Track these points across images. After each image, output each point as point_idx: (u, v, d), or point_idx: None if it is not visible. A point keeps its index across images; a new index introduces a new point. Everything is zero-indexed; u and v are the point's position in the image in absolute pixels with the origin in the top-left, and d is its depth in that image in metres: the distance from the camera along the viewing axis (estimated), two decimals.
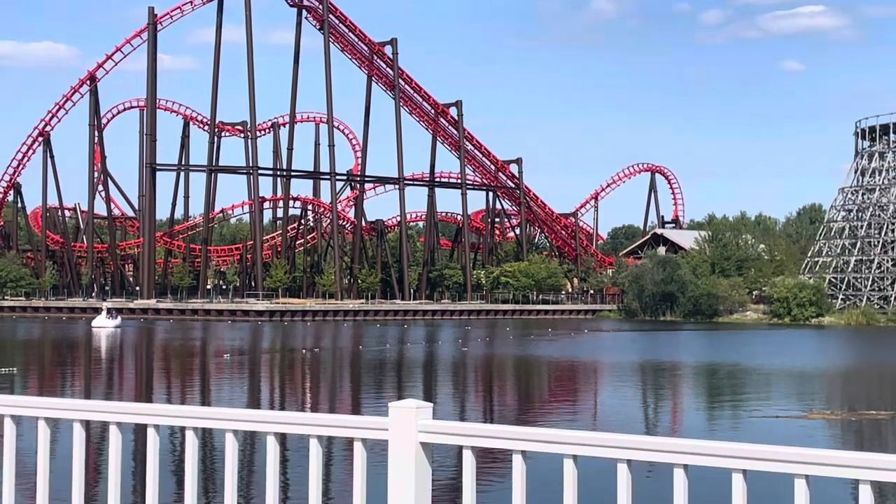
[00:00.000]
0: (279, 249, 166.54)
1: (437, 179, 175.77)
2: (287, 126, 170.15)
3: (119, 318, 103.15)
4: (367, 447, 5.20)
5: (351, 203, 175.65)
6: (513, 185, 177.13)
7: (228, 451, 5.58)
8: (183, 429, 5.67)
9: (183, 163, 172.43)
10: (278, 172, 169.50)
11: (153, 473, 5.79)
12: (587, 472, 5.00)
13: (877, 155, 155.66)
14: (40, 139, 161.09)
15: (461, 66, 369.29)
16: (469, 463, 4.97)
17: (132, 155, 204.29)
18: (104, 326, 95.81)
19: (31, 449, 5.96)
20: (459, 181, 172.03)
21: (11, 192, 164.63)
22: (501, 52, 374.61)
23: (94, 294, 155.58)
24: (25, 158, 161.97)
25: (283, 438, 5.59)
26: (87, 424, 5.97)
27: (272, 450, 5.45)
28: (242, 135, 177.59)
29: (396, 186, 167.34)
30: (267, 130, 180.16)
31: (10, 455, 6.03)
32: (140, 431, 5.91)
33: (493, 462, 22.35)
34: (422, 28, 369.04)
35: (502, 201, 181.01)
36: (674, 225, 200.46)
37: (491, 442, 4.87)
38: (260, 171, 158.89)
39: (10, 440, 6.02)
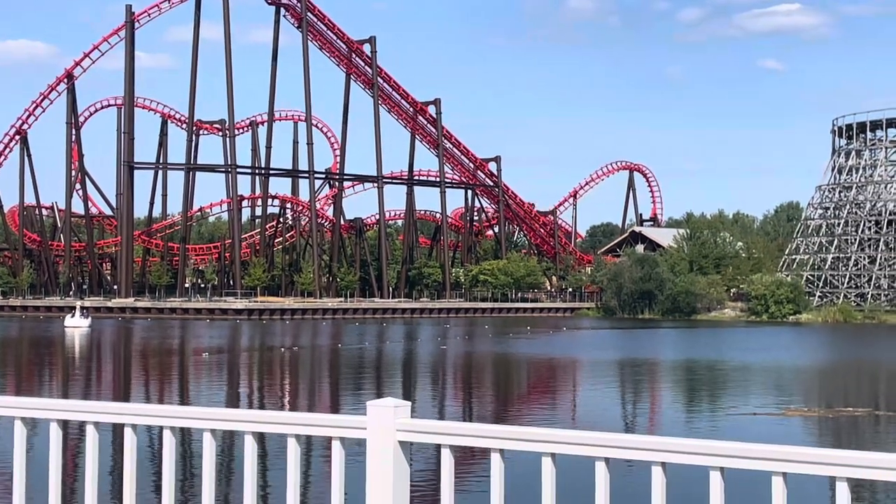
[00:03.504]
0: (258, 248, 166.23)
1: (416, 178, 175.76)
2: (265, 124, 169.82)
3: (90, 317, 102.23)
4: (345, 446, 5.20)
5: (329, 201, 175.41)
6: (491, 184, 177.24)
7: (206, 450, 5.57)
8: (161, 428, 5.66)
9: (161, 161, 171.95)
10: (257, 171, 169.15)
11: (130, 473, 5.77)
12: (565, 471, 5.01)
13: (854, 153, 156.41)
14: (17, 137, 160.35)
15: (440, 65, 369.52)
16: (447, 462, 4.97)
17: (110, 153, 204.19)
18: (78, 326, 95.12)
19: (7, 449, 5.94)
20: (438, 179, 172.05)
21: None
22: (480, 51, 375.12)
23: (71, 293, 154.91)
24: (2, 157, 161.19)
25: (261, 438, 5.57)
26: (64, 424, 5.95)
27: (250, 449, 5.45)
28: (221, 133, 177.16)
29: (375, 185, 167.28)
30: (245, 129, 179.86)
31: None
32: (117, 431, 5.89)
33: (471, 460, 22.35)
34: (400, 26, 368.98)
35: (481, 199, 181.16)
36: (652, 223, 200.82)
37: (469, 441, 4.88)
38: (238, 170, 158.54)
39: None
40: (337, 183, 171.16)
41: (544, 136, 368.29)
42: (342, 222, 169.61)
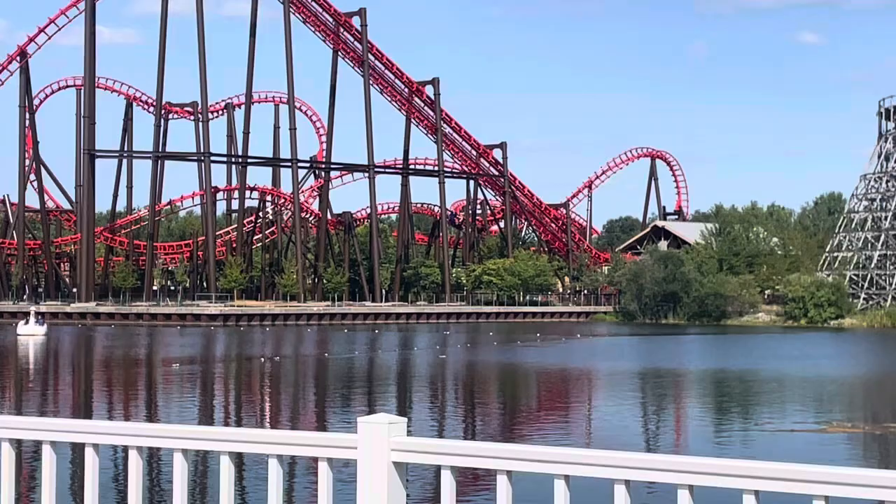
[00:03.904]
0: (234, 246, 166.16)
1: (412, 167, 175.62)
2: (243, 107, 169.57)
3: (45, 324, 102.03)
4: (333, 468, 5.19)
5: (315, 193, 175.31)
6: (496, 173, 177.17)
7: (177, 472, 5.56)
8: (126, 448, 5.65)
9: (125, 149, 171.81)
10: (233, 159, 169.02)
11: (92, 499, 5.77)
12: (580, 495, 5.00)
13: None
14: None
15: (438, 40, 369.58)
16: (448, 485, 4.96)
17: (68, 140, 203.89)
18: (33, 334, 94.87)
19: None
20: (436, 168, 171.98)
21: None
22: (483, 24, 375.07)
23: (25, 297, 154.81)
24: None
25: (239, 458, 5.57)
26: (18, 444, 5.95)
27: (227, 471, 5.44)
28: (192, 117, 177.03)
29: (366, 174, 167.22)
30: (220, 112, 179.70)
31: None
32: (78, 451, 5.89)
33: (474, 484, 22.36)
34: None
35: (485, 191, 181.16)
36: (677, 217, 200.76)
37: (473, 461, 4.87)
38: (212, 158, 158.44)
39: None
40: (323, 173, 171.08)
41: (555, 119, 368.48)
42: (329, 217, 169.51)
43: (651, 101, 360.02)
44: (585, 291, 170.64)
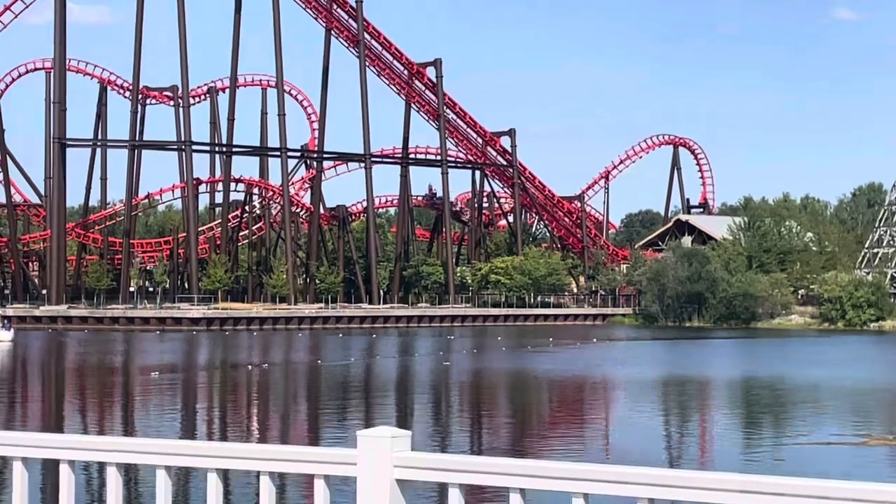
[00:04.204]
0: (218, 243, 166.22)
1: (412, 156, 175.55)
2: (227, 92, 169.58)
3: (12, 329, 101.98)
4: (330, 485, 5.20)
5: (306, 185, 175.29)
6: (504, 163, 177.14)
7: (160, 491, 5.58)
8: (103, 465, 5.67)
9: (99, 137, 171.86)
10: (216, 148, 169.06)
11: None
12: None
13: None
14: None
15: (440, 18, 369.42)
16: None
17: (36, 128, 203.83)
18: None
19: None
20: (439, 158, 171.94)
21: None
22: (488, 1, 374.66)
23: None
24: None
25: (225, 475, 5.59)
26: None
27: (214, 489, 5.46)
28: (172, 102, 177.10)
29: (362, 164, 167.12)
30: (202, 97, 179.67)
31: None
32: (49, 469, 5.91)
33: (479, 501, 22.36)
34: None
35: (492, 182, 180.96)
36: (702, 210, 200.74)
37: (483, 478, 4.89)
38: (194, 147, 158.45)
39: None
40: (315, 163, 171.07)
41: (568, 104, 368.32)
42: (322, 211, 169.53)
43: (674, 84, 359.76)
44: (602, 292, 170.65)
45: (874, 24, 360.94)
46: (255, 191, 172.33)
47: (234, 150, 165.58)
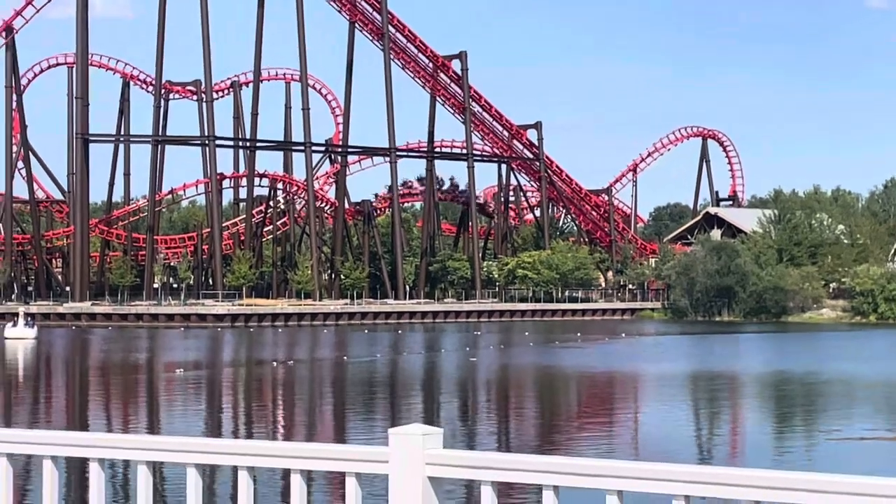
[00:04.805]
0: (242, 239, 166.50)
1: (438, 150, 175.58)
2: (251, 86, 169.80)
3: (36, 327, 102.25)
4: (362, 484, 5.22)
5: (331, 180, 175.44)
6: (531, 156, 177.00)
7: (191, 489, 5.61)
8: (127, 463, 5.70)
9: (122, 132, 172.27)
10: (240, 143, 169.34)
11: None
12: None
13: None
14: None
15: (465, 10, 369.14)
16: (489, 502, 4.99)
17: (59, 124, 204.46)
18: (22, 337, 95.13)
19: None
20: (465, 151, 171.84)
21: None
22: None
23: (13, 296, 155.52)
24: None
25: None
26: (8, 458, 6.01)
27: (245, 488, 5.48)
28: (195, 97, 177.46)
29: (387, 159, 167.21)
30: (225, 91, 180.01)
31: None
32: (74, 466, 5.94)
33: (506, 498, 22.38)
34: None
35: (518, 176, 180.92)
36: (731, 203, 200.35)
37: (516, 476, 4.90)
38: (217, 142, 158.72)
39: None
40: (340, 157, 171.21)
41: (596, 96, 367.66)
42: (347, 206, 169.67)
43: (703, 76, 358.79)
44: (630, 286, 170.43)
45: None
46: (280, 186, 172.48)
47: (258, 144, 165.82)
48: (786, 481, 4.46)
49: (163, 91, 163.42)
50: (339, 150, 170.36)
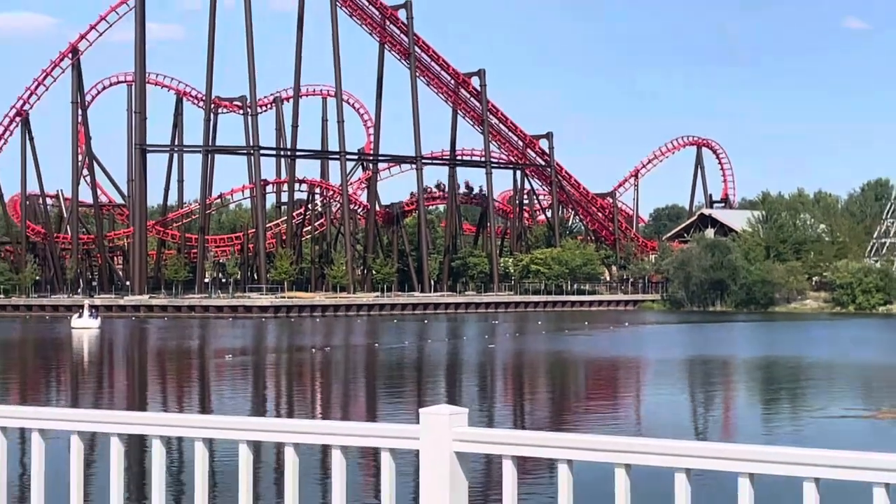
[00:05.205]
0: (284, 238, 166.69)
1: (459, 157, 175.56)
2: (291, 101, 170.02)
3: (99, 318, 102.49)
4: (395, 458, 5.23)
5: (363, 185, 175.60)
6: (543, 163, 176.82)
7: (242, 464, 5.62)
8: (180, 440, 5.71)
9: (176, 143, 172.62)
10: (282, 152, 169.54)
11: (159, 490, 5.85)
12: (633, 483, 5.01)
13: None
14: (18, 119, 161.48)
15: (483, 32, 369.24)
16: (510, 475, 4.99)
17: (120, 136, 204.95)
18: (87, 327, 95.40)
19: (16, 462, 6.02)
20: (483, 159, 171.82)
21: None
22: (527, 15, 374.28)
23: (79, 290, 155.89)
24: (2, 141, 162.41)
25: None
26: (93, 436, 6.04)
27: (291, 462, 5.49)
28: (241, 111, 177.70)
29: (413, 166, 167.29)
30: (269, 106, 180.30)
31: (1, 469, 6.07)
32: (134, 443, 5.96)
33: (521, 472, 22.36)
34: None
35: (531, 181, 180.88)
36: (723, 205, 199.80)
37: (535, 451, 4.90)
38: (261, 152, 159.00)
39: (1, 454, 6.07)
40: (371, 165, 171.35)
41: (601, 109, 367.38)
42: (377, 208, 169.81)
43: (697, 90, 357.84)
44: (633, 280, 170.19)
45: (883, 34, 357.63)
46: (317, 190, 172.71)
47: (298, 153, 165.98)
48: (780, 455, 4.45)
49: (212, 106, 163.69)
50: (371, 158, 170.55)
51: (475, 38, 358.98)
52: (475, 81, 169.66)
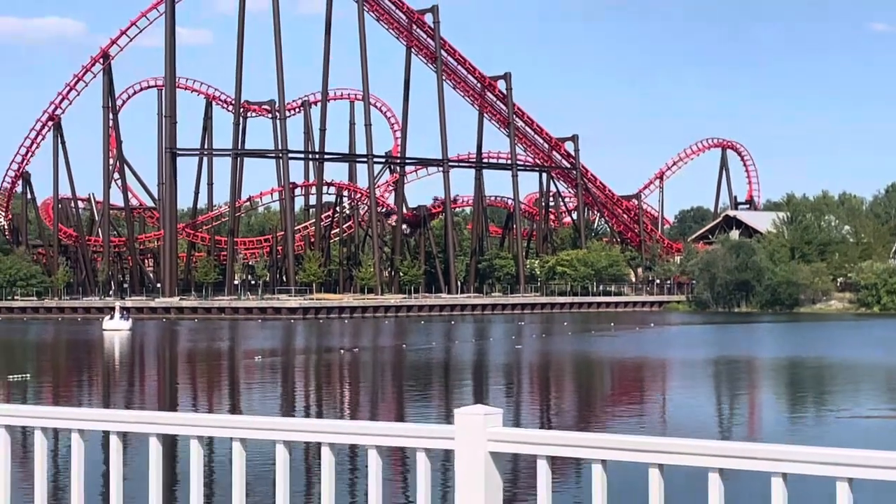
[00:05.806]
0: (312, 240, 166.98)
1: (485, 160, 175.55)
2: (319, 105, 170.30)
3: (130, 319, 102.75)
4: (431, 458, 5.25)
5: (390, 188, 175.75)
6: (568, 165, 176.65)
7: (280, 464, 5.64)
8: (210, 440, 5.74)
9: (206, 147, 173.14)
10: (310, 155, 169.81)
11: (198, 489, 5.88)
12: (669, 482, 5.01)
13: None
14: (50, 124, 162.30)
15: (509, 35, 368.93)
16: (544, 475, 5.00)
17: (150, 139, 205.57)
18: (118, 328, 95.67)
19: (53, 461, 6.07)
20: (509, 162, 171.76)
21: (20, 182, 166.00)
22: (553, 18, 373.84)
23: (111, 292, 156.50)
24: (34, 145, 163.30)
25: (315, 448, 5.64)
26: (123, 436, 6.08)
27: (327, 461, 5.51)
28: (270, 115, 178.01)
29: (440, 169, 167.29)
30: (297, 110, 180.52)
31: (41, 468, 6.13)
32: (167, 442, 5.99)
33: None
34: None
35: (557, 183, 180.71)
36: (748, 206, 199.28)
37: (569, 451, 4.90)
38: (290, 155, 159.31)
39: (40, 453, 6.12)
40: (398, 167, 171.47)
41: (626, 112, 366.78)
42: (405, 211, 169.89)
43: (722, 92, 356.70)
44: (658, 281, 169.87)
45: None
46: (345, 193, 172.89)
47: (326, 157, 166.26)
48: (814, 455, 4.45)
49: (241, 110, 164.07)
50: (398, 161, 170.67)
51: (501, 42, 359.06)
52: (501, 84, 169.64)
